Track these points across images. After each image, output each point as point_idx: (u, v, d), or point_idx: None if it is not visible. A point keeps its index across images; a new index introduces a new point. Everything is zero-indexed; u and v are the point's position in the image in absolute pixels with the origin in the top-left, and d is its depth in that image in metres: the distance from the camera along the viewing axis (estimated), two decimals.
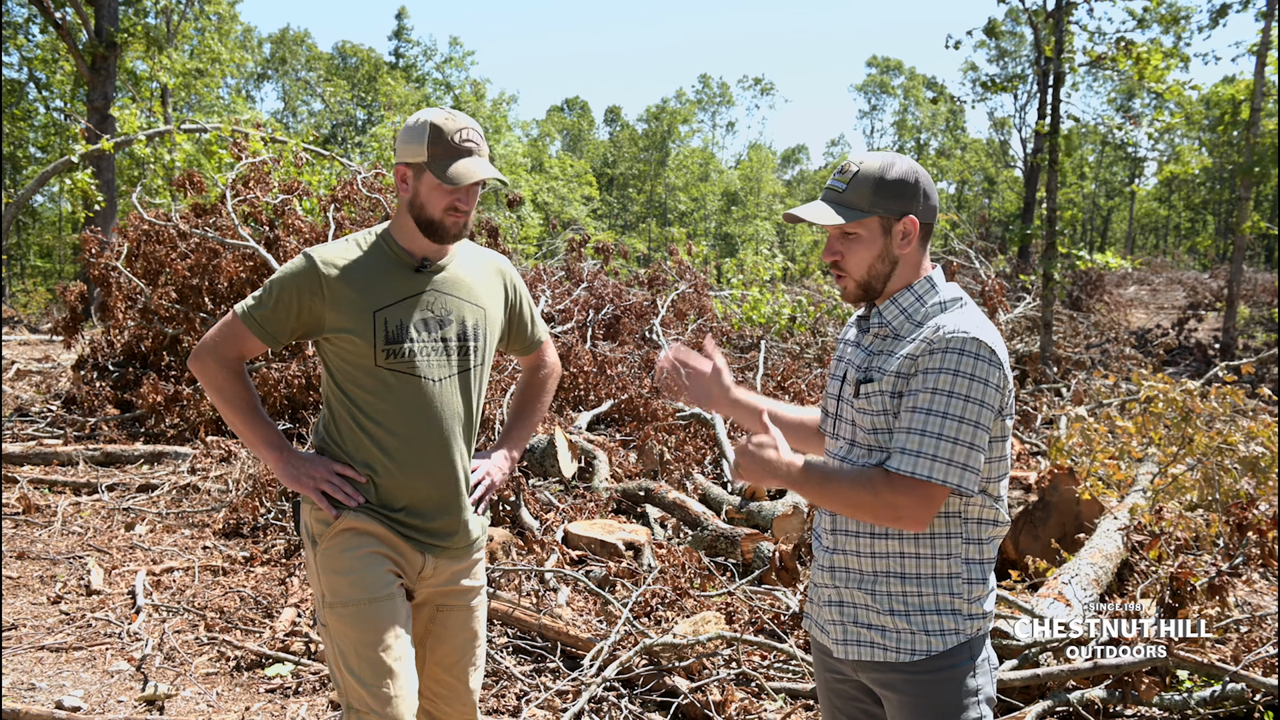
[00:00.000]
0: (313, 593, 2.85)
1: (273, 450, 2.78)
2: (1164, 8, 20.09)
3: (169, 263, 10.16)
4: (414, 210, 2.74)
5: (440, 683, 2.93)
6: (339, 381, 2.77)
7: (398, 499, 2.76)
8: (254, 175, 10.96)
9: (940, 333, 2.19)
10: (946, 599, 2.28)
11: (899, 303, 2.33)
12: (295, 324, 2.75)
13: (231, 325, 2.77)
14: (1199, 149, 37.06)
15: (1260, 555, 5.33)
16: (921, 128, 67.26)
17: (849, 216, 2.27)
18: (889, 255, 2.31)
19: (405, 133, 2.73)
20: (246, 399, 2.80)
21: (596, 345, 11.08)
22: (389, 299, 2.74)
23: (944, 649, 2.28)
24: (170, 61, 26.09)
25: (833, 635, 2.41)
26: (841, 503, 2.20)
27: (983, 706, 2.30)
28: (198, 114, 35.27)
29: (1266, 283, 31.72)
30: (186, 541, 6.56)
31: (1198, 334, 23.56)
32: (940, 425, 2.14)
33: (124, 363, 10.47)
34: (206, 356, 2.77)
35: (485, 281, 2.95)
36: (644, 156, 61.19)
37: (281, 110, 56.13)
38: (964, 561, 2.29)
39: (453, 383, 2.81)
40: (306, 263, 2.72)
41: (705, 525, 6.36)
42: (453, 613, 2.92)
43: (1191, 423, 7.17)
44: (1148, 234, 66.83)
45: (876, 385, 2.28)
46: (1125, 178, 61.12)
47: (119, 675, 4.72)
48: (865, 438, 2.33)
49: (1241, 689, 4.25)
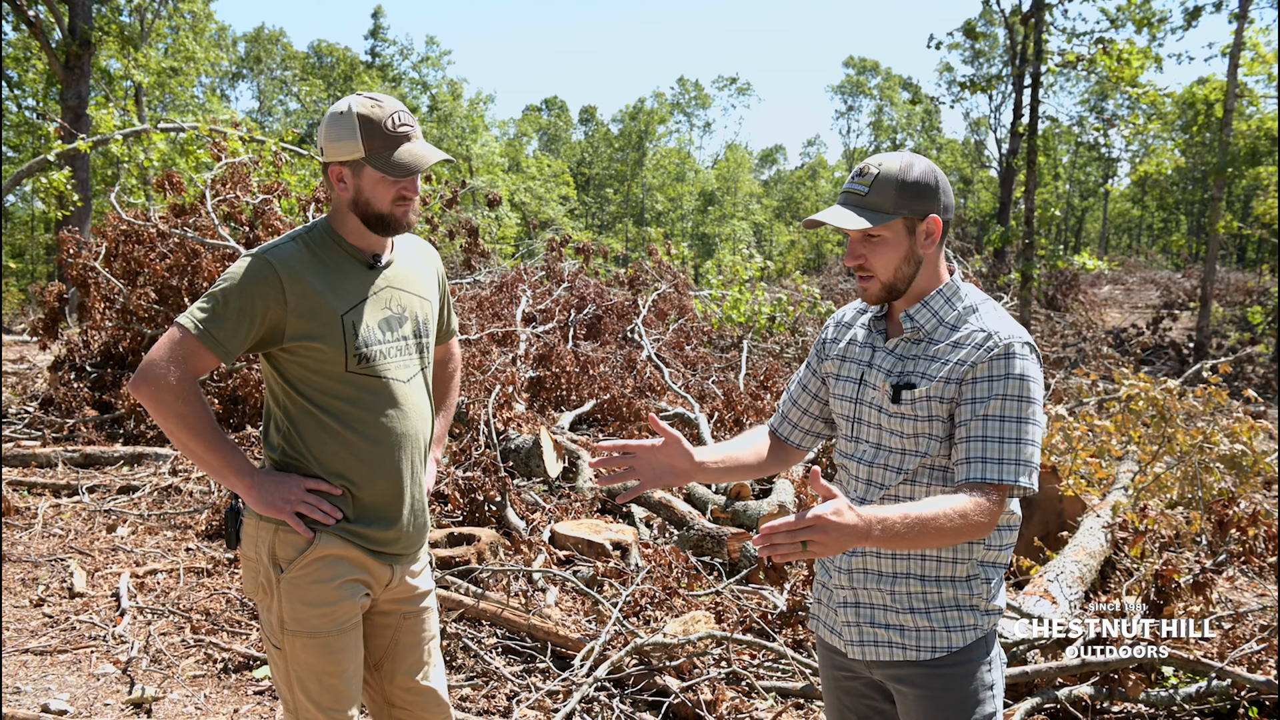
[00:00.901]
0: (263, 611, 2.65)
1: (243, 478, 2.54)
2: (1138, 9, 20.24)
3: (148, 263, 10.08)
4: (359, 208, 2.59)
5: (412, 690, 2.84)
6: (302, 392, 2.59)
7: (373, 507, 2.65)
8: (233, 175, 10.89)
9: (995, 339, 2.22)
10: (966, 596, 2.32)
11: (930, 305, 2.35)
12: (254, 335, 2.53)
13: (182, 343, 2.49)
14: (1172, 149, 37.35)
15: (1243, 552, 5.39)
16: (897, 128, 67.51)
17: (875, 220, 2.27)
18: (914, 256, 2.32)
19: (331, 128, 2.54)
20: (208, 424, 2.52)
21: (578, 345, 11.08)
22: (352, 301, 2.60)
23: (964, 644, 2.31)
24: (144, 60, 25.93)
25: (847, 636, 2.43)
26: (935, 540, 2.11)
27: (998, 700, 2.34)
28: (172, 113, 35.01)
29: (1239, 282, 32.04)
30: (169, 543, 6.51)
31: (1172, 333, 23.78)
32: (1017, 430, 2.18)
33: (102, 363, 10.38)
34: (157, 381, 2.46)
35: (423, 271, 2.85)
36: (620, 156, 61.18)
37: (257, 110, 55.78)
38: (980, 564, 2.33)
39: (418, 381, 2.74)
40: (263, 267, 2.52)
41: (691, 525, 6.37)
42: (416, 618, 2.85)
43: (1171, 421, 7.23)
44: (1121, 234, 67.36)
45: (923, 390, 2.28)
46: (1099, 178, 61.57)
47: (105, 678, 4.68)
48: (898, 441, 2.33)
49: (1227, 685, 4.30)
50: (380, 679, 2.84)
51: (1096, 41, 15.81)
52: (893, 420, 2.33)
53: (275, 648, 2.65)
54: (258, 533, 2.63)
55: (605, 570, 5.57)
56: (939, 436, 2.29)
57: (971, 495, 2.14)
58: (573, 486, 7.21)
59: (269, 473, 2.59)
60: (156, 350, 2.49)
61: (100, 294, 10.37)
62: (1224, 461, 6.87)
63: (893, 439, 2.34)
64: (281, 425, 2.65)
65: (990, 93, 44.11)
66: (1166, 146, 35.41)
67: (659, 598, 5.15)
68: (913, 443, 2.31)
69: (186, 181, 11.51)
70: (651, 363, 10.73)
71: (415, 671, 2.84)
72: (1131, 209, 63.62)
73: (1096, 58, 16.50)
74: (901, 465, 2.33)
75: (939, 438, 2.29)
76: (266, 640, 2.68)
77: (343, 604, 2.62)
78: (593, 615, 5.09)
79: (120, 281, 10.26)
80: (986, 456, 2.17)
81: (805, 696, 4.43)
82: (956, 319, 2.32)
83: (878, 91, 68.40)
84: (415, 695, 2.85)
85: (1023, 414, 2.19)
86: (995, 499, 2.14)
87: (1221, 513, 5.59)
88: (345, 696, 2.64)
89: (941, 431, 2.28)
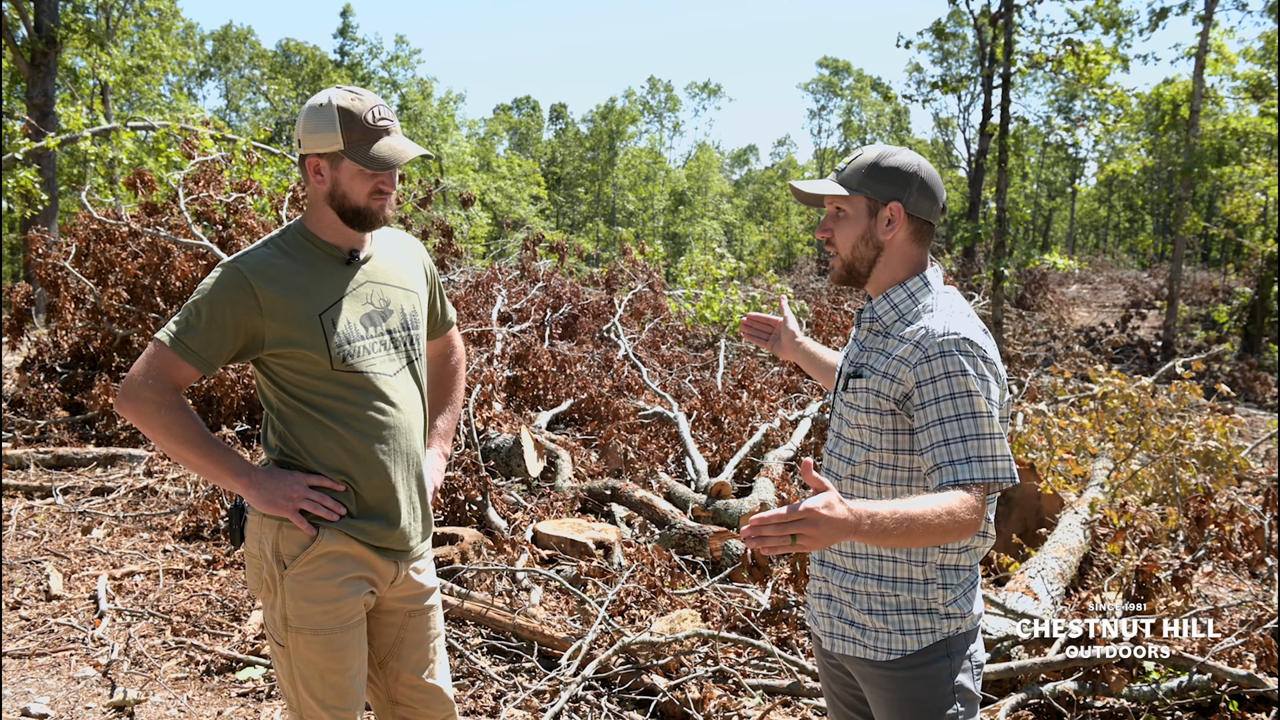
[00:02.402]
0: (266, 608, 2.66)
1: (240, 478, 2.53)
2: (1105, 10, 20.42)
3: (119, 262, 9.98)
4: (335, 201, 2.56)
5: (417, 688, 2.82)
6: (291, 393, 2.58)
7: (374, 503, 2.63)
8: (205, 173, 10.80)
9: (929, 339, 2.22)
10: (922, 600, 2.32)
11: (891, 298, 2.36)
12: (231, 346, 2.52)
13: (160, 356, 2.50)
14: (1139, 149, 37.73)
15: (1221, 548, 5.44)
16: (867, 128, 67.83)
17: (835, 190, 2.34)
18: (872, 238, 2.35)
19: (310, 119, 2.52)
20: (196, 431, 2.52)
21: (554, 345, 11.05)
22: (329, 299, 2.57)
23: (919, 647, 2.31)
24: (110, 58, 25.66)
25: (822, 627, 2.47)
26: (923, 539, 2.07)
27: (969, 702, 2.33)
28: (139, 111, 34.67)
29: (1204, 281, 32.45)
30: (146, 545, 6.45)
31: (1140, 332, 24.02)
32: (973, 426, 2.16)
33: (72, 364, 10.27)
34: (139, 395, 2.48)
35: (408, 263, 2.82)
36: (591, 156, 61.13)
37: (224, 108, 55.35)
38: (939, 568, 2.32)
39: (405, 376, 2.71)
40: (233, 275, 2.50)
41: (673, 523, 6.37)
42: (421, 615, 2.83)
43: (1146, 419, 7.30)
44: (1088, 233, 67.97)
45: (865, 382, 2.32)
46: (1066, 178, 62.12)
47: (85, 681, 4.63)
48: (850, 431, 2.38)
49: (1208, 680, 4.34)
50: (385, 677, 2.81)
51: (1065, 43, 15.91)
52: (847, 410, 2.38)
53: (279, 645, 2.62)
54: (261, 529, 2.60)
55: (589, 569, 5.56)
56: (879, 429, 2.30)
57: (955, 494, 2.12)
58: (552, 486, 7.19)
59: (269, 470, 2.57)
60: (137, 366, 2.51)
61: (71, 294, 10.26)
62: (1198, 457, 6.95)
63: (845, 428, 2.39)
64: (277, 426, 2.63)
65: (959, 93, 44.39)
66: (1134, 146, 35.77)
67: (644, 596, 5.14)
68: (857, 433, 2.35)
69: (158, 180, 11.38)
70: (629, 362, 10.72)
71: (421, 670, 2.82)
72: (1098, 209, 64.26)
73: (1065, 59, 16.61)
74: (851, 456, 2.36)
75: (879, 430, 2.30)
76: (270, 638, 2.66)
77: (347, 600, 2.60)
78: (577, 614, 5.07)
79: (91, 281, 10.15)
80: (954, 459, 2.15)
81: (792, 694, 4.44)
82: (914, 315, 2.33)
83: (849, 92, 68.71)
84: (420, 693, 2.82)
85: (972, 409, 2.16)
86: (978, 496, 2.13)
87: (1198, 508, 5.64)
88: (350, 694, 2.62)
89: (882, 425, 2.29)
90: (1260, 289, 23.35)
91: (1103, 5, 20.09)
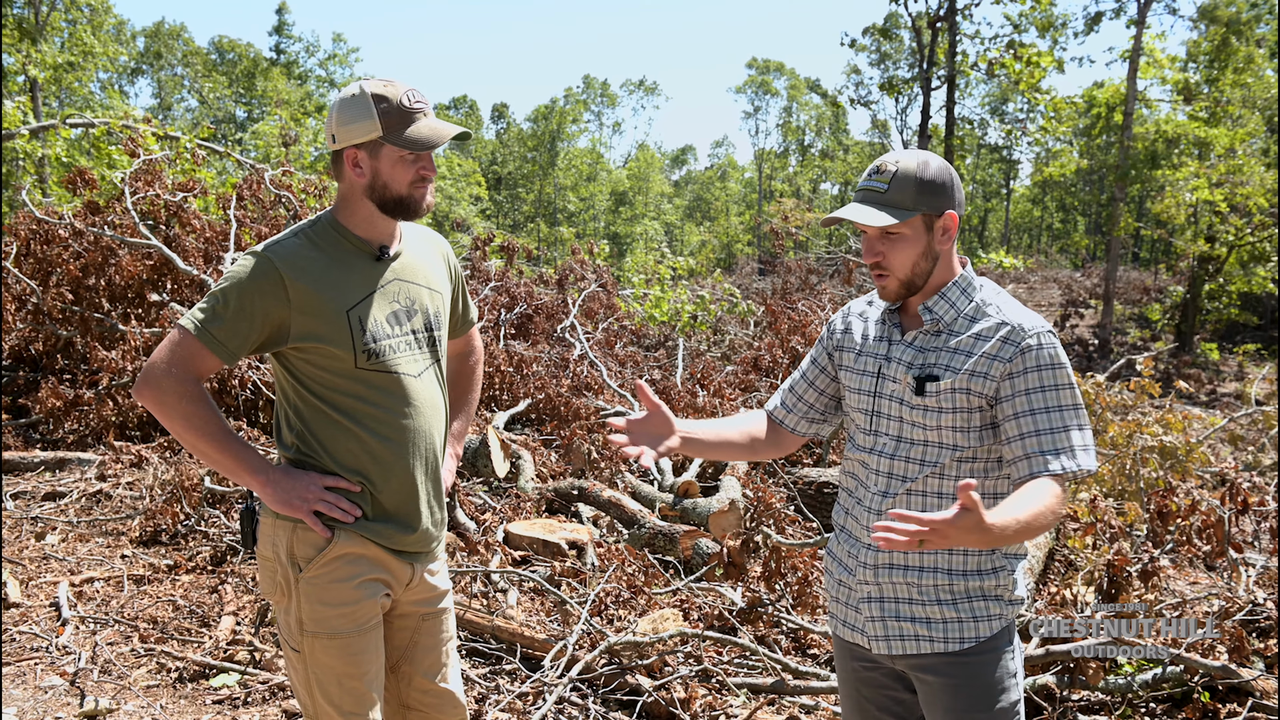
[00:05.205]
0: (280, 613, 2.59)
1: (257, 475, 2.47)
2: (1041, 14, 20.79)
3: (61, 262, 9.75)
4: (375, 193, 2.49)
5: (429, 693, 2.78)
6: (311, 390, 2.52)
7: (391, 505, 2.58)
8: (148, 172, 10.58)
9: (1020, 332, 2.27)
10: (991, 587, 2.35)
11: (948, 297, 2.37)
12: (257, 337, 2.45)
13: (184, 344, 2.42)
14: (1073, 152, 38.46)
15: (1183, 541, 5.55)
16: (805, 129, 68.33)
17: (899, 216, 2.29)
18: (931, 252, 2.35)
19: (344, 111, 2.46)
20: (217, 424, 2.45)
21: (509, 345, 10.98)
22: (358, 295, 2.51)
23: (990, 634, 2.35)
24: (40, 55, 25.05)
25: (870, 632, 2.44)
26: (1037, 531, 2.10)
27: (1019, 688, 2.38)
28: (69, 109, 33.90)
29: (1136, 280, 33.18)
30: (103, 550, 6.29)
31: (1078, 330, 24.47)
32: (1067, 417, 2.23)
33: (14, 367, 10.01)
34: (161, 384, 2.40)
35: (434, 261, 2.76)
36: (533, 156, 60.89)
37: (156, 106, 54.28)
38: (1004, 555, 2.37)
39: (430, 376, 2.66)
40: (264, 265, 2.43)
41: (642, 523, 6.35)
42: (435, 619, 2.79)
43: (1103, 416, 7.43)
44: (1022, 234, 69.07)
45: (948, 383, 2.30)
46: (1001, 180, 63.11)
47: (53, 691, 4.50)
48: (921, 434, 2.35)
49: (1180, 671, 4.42)
50: (397, 681, 2.76)
51: (1007, 46, 16.17)
52: (915, 413, 2.35)
53: (294, 650, 2.56)
54: (275, 532, 2.54)
55: (563, 570, 5.53)
56: (965, 428, 2.31)
57: (1050, 489, 2.16)
58: (516, 486, 7.14)
59: (285, 470, 2.51)
60: (158, 353, 2.43)
61: (11, 295, 10.00)
62: (1156, 452, 7.08)
63: (915, 431, 2.36)
64: (294, 424, 2.56)
65: (897, 96, 44.89)
66: (1067, 149, 36.46)
67: (624, 596, 5.12)
68: (936, 434, 2.33)
69: (99, 179, 11.13)
70: (586, 361, 10.69)
71: (434, 674, 2.77)
72: (1032, 209, 65.35)
73: (1006, 62, 16.88)
74: (924, 458, 2.35)
75: (965, 429, 2.31)
76: (284, 643, 2.59)
77: (363, 604, 2.54)
78: (556, 615, 5.04)
79: (34, 282, 9.90)
80: (1045, 450, 2.21)
81: (777, 692, 4.44)
82: (975, 311, 2.35)
83: (785, 92, 69.13)
84: (433, 697, 2.78)
85: (1068, 401, 2.24)
86: (1066, 487, 2.21)
87: (1161, 503, 5.74)
88: (367, 699, 2.56)
89: (967, 423, 2.30)
90: (1191, 288, 23.92)
91: (1040, 9, 20.46)
